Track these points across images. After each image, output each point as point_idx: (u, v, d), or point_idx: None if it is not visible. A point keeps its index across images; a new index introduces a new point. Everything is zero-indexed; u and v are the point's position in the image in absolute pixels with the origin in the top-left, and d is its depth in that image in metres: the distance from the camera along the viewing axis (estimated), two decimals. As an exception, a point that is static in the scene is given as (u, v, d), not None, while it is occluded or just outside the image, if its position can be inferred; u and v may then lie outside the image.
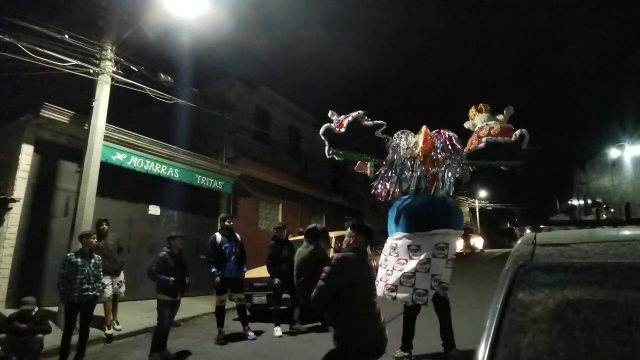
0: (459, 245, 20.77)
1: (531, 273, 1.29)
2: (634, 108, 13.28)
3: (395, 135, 4.77)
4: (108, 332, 5.90)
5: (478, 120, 4.71)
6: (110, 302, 6.01)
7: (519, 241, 1.58)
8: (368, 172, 5.09)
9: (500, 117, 4.63)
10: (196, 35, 8.11)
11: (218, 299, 5.95)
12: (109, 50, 6.59)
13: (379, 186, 4.69)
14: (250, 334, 5.92)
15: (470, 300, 5.12)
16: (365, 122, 4.60)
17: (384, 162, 4.73)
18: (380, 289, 4.31)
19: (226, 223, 6.17)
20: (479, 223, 35.57)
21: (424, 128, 4.65)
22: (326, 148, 4.62)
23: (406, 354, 4.36)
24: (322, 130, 4.58)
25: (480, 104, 4.77)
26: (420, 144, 4.50)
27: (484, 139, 4.44)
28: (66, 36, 6.15)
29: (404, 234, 4.48)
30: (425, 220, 4.38)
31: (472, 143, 4.61)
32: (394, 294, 4.30)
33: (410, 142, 4.65)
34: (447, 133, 4.65)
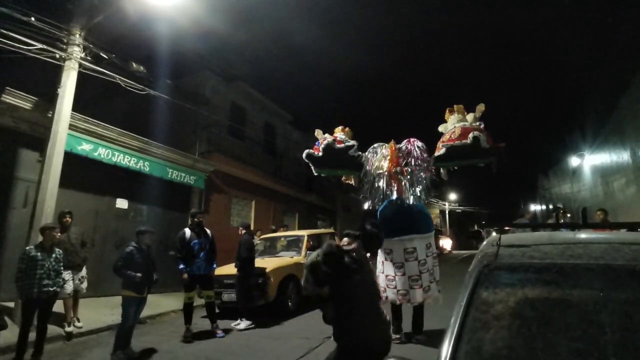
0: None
1: (494, 272, 1.35)
2: (593, 120, 14.06)
3: (368, 150, 5.36)
4: (68, 329, 5.65)
5: (450, 123, 5.05)
6: (71, 298, 5.76)
7: (485, 242, 1.65)
8: (353, 182, 5.77)
9: (470, 116, 4.95)
10: (172, 24, 7.90)
11: (186, 296, 5.84)
12: (78, 35, 6.31)
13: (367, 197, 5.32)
14: (219, 331, 5.84)
15: (447, 306, 5.25)
16: (338, 146, 5.30)
17: (363, 176, 5.36)
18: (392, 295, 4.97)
19: (196, 219, 6.06)
20: (448, 225, 36.61)
21: (391, 144, 5.16)
22: (312, 169, 5.58)
23: (397, 336, 5.00)
24: (304, 154, 5.47)
25: (455, 105, 5.08)
26: (386, 161, 5.09)
27: (441, 145, 4.93)
28: (32, 18, 5.83)
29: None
30: (392, 228, 4.89)
31: (438, 148, 5.02)
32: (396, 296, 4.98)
33: (378, 159, 5.22)
34: (415, 143, 5.13)
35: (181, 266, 5.72)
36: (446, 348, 1.17)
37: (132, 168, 8.62)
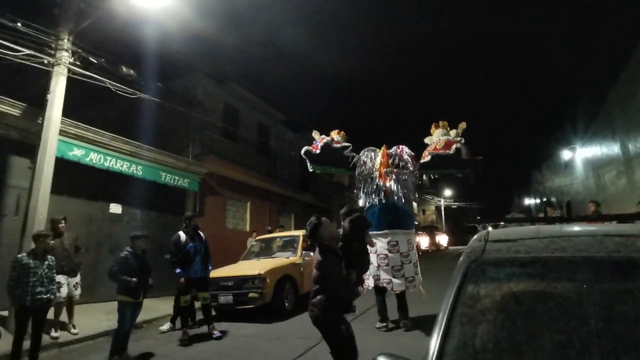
0: (424, 242, 21.38)
1: (481, 267, 1.37)
2: (584, 113, 14.19)
3: (361, 152, 5.94)
4: (54, 334, 5.58)
5: (435, 136, 5.73)
6: (64, 303, 5.70)
7: (474, 237, 1.67)
8: (344, 181, 6.35)
9: (452, 132, 5.65)
10: (161, 27, 7.86)
11: (182, 299, 5.82)
12: (66, 40, 6.26)
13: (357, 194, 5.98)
14: (216, 332, 5.83)
15: (434, 295, 5.33)
16: (335, 145, 5.83)
17: (355, 175, 5.93)
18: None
19: (192, 222, 6.06)
20: (444, 221, 36.76)
21: (382, 148, 5.79)
22: (308, 165, 6.02)
23: (384, 323, 5.49)
24: (302, 151, 5.96)
25: (440, 121, 5.82)
26: (377, 163, 5.70)
27: (427, 153, 5.61)
28: (19, 24, 5.77)
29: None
30: (378, 223, 5.48)
31: (424, 156, 5.70)
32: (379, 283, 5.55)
33: (371, 160, 5.82)
34: (404, 150, 5.81)
35: (178, 270, 5.70)
36: (434, 343, 1.18)
37: (125, 172, 8.57)
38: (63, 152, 7.04)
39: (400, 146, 5.86)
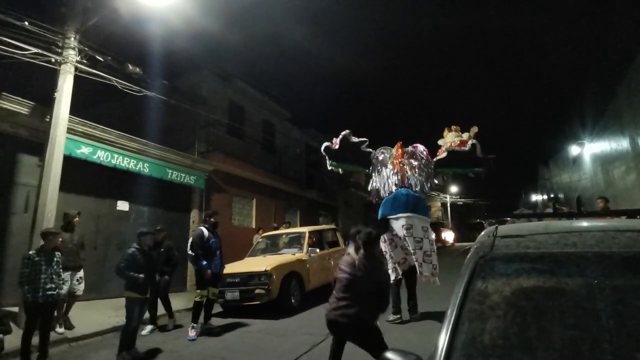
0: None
1: (490, 263, 1.35)
2: (592, 109, 14.00)
3: (377, 150, 6.31)
4: (59, 330, 5.62)
5: (449, 138, 6.11)
6: (65, 299, 5.73)
7: (482, 233, 1.65)
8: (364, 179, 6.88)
9: (465, 135, 6.02)
10: (167, 25, 7.87)
11: (200, 294, 5.85)
12: (72, 39, 6.29)
13: (372, 191, 6.30)
14: (213, 327, 5.99)
15: (442, 291, 5.31)
16: (353, 139, 6.11)
17: (371, 172, 6.24)
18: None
19: (213, 219, 6.17)
20: (450, 218, 36.57)
21: (398, 143, 6.13)
22: (327, 162, 6.21)
23: (397, 316, 5.59)
24: (322, 147, 6.23)
25: (452, 126, 6.24)
26: (393, 155, 6.05)
27: (444, 149, 6.00)
28: (26, 23, 5.82)
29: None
30: (393, 208, 5.72)
31: (439, 154, 6.11)
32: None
33: (387, 156, 6.16)
34: (418, 147, 6.15)
35: (204, 263, 5.76)
36: (443, 338, 1.18)
37: (132, 170, 8.63)
38: (71, 150, 7.10)
39: (415, 144, 6.16)
